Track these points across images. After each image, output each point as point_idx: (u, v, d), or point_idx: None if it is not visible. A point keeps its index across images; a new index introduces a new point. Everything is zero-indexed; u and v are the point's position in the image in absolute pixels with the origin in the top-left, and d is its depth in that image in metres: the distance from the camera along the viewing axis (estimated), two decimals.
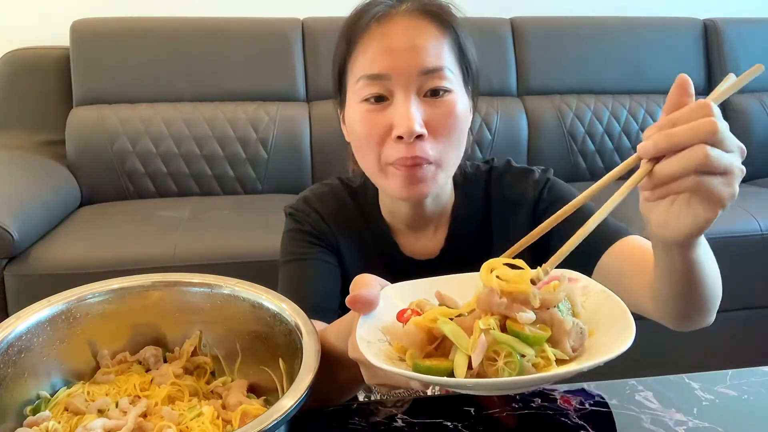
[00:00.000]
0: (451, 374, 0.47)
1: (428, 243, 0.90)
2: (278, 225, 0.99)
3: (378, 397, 0.97)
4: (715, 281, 0.71)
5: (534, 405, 0.79)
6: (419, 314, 0.50)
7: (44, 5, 2.38)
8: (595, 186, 0.55)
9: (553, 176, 0.92)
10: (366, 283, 0.56)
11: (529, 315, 0.46)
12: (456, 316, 0.49)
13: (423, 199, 0.83)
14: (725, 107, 2.58)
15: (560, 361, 0.47)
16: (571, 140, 2.44)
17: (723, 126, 0.51)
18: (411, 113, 0.74)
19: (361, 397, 0.98)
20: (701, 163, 0.49)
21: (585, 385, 0.83)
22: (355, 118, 0.79)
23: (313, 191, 0.94)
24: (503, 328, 0.47)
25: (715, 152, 0.50)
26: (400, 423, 0.75)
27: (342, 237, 0.90)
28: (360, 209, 0.91)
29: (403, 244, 0.90)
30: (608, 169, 2.47)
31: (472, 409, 0.77)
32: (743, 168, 0.55)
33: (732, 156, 0.53)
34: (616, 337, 0.47)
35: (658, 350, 1.97)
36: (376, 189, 0.90)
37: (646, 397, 0.80)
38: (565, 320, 0.48)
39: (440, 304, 0.51)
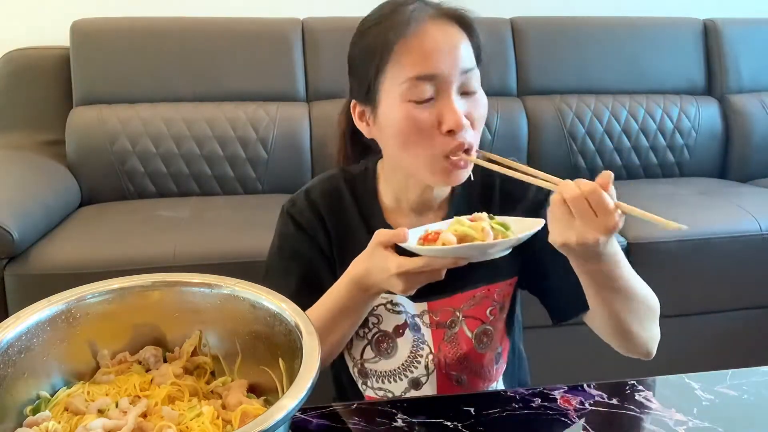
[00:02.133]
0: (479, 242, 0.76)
1: (426, 222, 0.94)
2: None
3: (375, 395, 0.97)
4: (636, 315, 0.86)
5: (534, 405, 0.79)
6: (437, 234, 0.77)
7: (44, 5, 2.38)
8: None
9: None
10: (398, 230, 0.79)
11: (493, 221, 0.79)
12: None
13: (459, 183, 0.90)
14: (726, 108, 2.58)
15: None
16: (571, 140, 2.44)
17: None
18: (457, 109, 0.84)
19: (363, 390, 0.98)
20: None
21: (585, 385, 0.83)
22: (400, 116, 0.85)
23: (315, 184, 1.00)
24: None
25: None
26: (400, 423, 0.75)
27: (336, 230, 0.97)
28: (357, 197, 0.98)
29: (402, 224, 0.96)
30: (608, 169, 2.46)
31: (472, 409, 0.77)
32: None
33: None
34: (532, 225, 0.77)
35: (658, 350, 1.97)
36: (375, 176, 0.99)
37: (646, 397, 0.80)
38: (508, 220, 0.79)
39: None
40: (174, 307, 0.74)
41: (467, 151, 0.85)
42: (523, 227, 0.78)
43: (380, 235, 0.80)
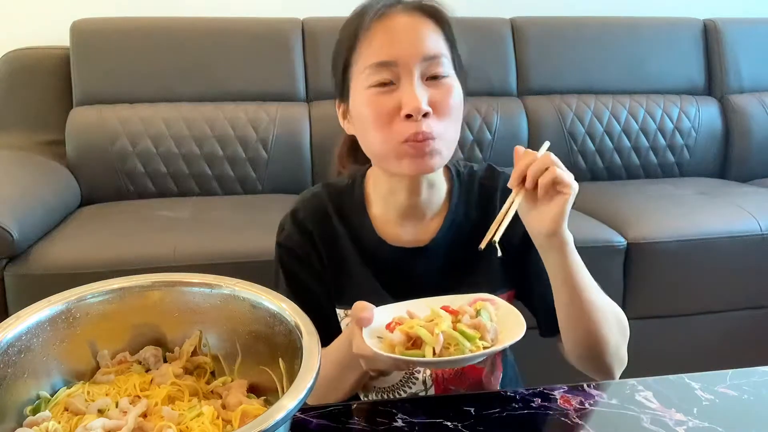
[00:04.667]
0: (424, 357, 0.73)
1: (420, 231, 0.95)
2: (278, 225, 1.00)
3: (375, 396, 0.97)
4: (608, 314, 0.87)
5: (534, 405, 0.79)
6: (399, 325, 0.76)
7: (44, 5, 2.38)
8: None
9: None
10: (364, 308, 0.76)
11: (466, 321, 0.77)
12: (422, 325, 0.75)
13: (429, 172, 0.88)
14: (726, 108, 2.58)
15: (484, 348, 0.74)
16: (571, 140, 2.44)
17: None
18: (417, 93, 0.82)
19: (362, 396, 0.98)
20: (549, 159, 0.79)
21: (585, 385, 0.83)
22: (363, 103, 0.85)
23: (301, 204, 0.99)
24: (454, 329, 0.75)
25: (553, 156, 0.80)
26: (400, 423, 0.75)
27: (327, 251, 0.95)
28: (345, 210, 0.97)
29: (392, 234, 0.95)
30: (608, 169, 2.47)
31: (472, 409, 0.77)
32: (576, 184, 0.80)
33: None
34: (514, 332, 0.75)
35: (658, 350, 1.97)
36: (363, 187, 0.97)
37: (646, 397, 0.80)
38: (487, 324, 0.75)
39: (410, 318, 0.78)
40: (174, 307, 0.73)
41: (427, 139, 0.82)
42: (507, 326, 0.76)
43: (355, 308, 0.77)
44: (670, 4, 2.75)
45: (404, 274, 0.94)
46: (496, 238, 0.79)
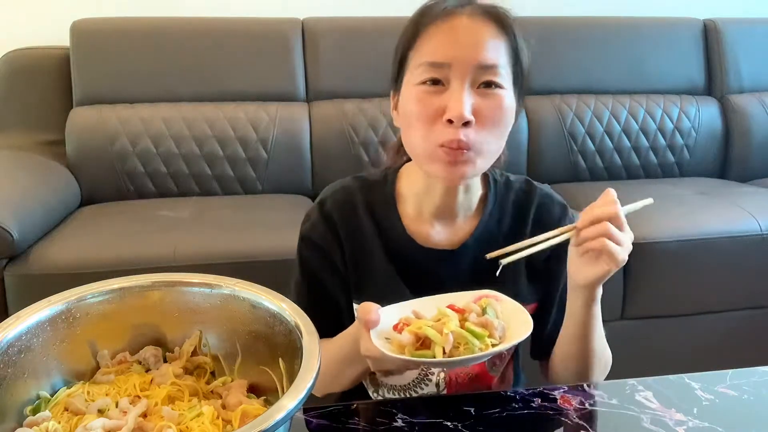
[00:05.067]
0: (434, 358, 0.72)
1: (451, 234, 0.94)
2: (278, 225, 1.00)
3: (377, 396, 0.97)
4: (601, 360, 0.91)
5: (534, 405, 0.79)
6: (407, 326, 0.75)
7: (44, 5, 2.38)
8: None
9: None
10: (370, 309, 0.74)
11: (473, 319, 0.76)
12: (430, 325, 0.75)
13: (461, 182, 0.88)
14: (726, 108, 2.58)
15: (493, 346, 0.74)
16: (571, 140, 2.44)
17: (621, 213, 0.79)
18: (463, 100, 0.80)
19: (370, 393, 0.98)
20: (605, 231, 0.77)
21: (585, 385, 0.83)
22: (411, 99, 0.84)
23: (328, 195, 0.97)
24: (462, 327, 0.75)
25: (613, 229, 0.77)
26: (400, 423, 0.75)
27: (351, 246, 0.94)
28: (374, 204, 0.95)
29: (422, 234, 0.94)
30: (608, 169, 2.46)
31: (472, 409, 0.77)
32: (630, 246, 0.80)
33: (625, 234, 0.79)
34: (521, 329, 0.74)
35: (658, 350, 1.97)
36: (395, 181, 0.96)
37: (646, 397, 0.80)
38: (494, 322, 0.75)
39: (417, 318, 0.77)
40: (174, 307, 0.73)
41: (462, 149, 0.81)
42: (515, 324, 0.76)
43: (361, 309, 0.75)
44: (670, 4, 2.75)
45: (429, 276, 0.92)
46: (505, 261, 0.79)
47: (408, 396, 0.96)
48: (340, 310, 0.95)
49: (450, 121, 0.80)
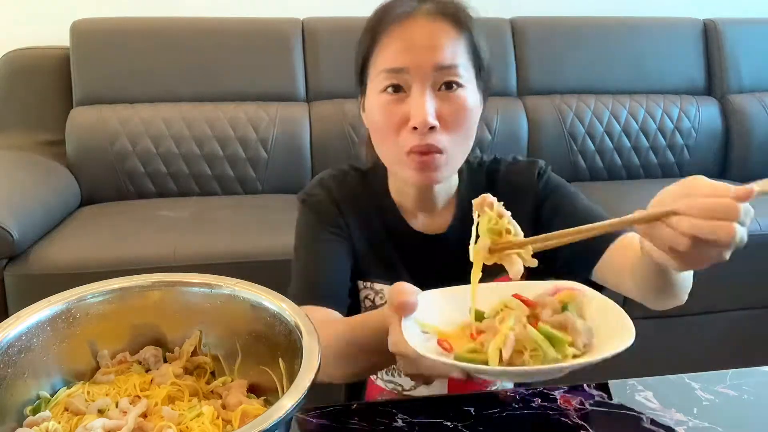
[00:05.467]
0: (487, 364, 0.55)
1: (435, 221, 0.96)
2: (278, 225, 1.00)
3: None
4: (686, 276, 0.79)
5: (534, 405, 0.79)
6: (448, 349, 0.59)
7: (44, 5, 2.38)
8: (615, 222, 0.61)
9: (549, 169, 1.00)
10: (405, 291, 0.63)
11: (547, 318, 0.57)
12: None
13: (434, 184, 0.90)
14: (726, 108, 2.58)
15: (574, 357, 0.55)
16: (571, 140, 2.44)
17: (740, 235, 0.60)
18: (426, 106, 0.81)
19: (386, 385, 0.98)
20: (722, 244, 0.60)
21: (585, 385, 0.83)
22: (375, 108, 0.86)
23: (327, 173, 0.99)
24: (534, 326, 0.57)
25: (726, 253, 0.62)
26: (400, 423, 0.75)
27: (353, 219, 0.95)
28: (370, 191, 0.97)
29: (412, 221, 0.96)
30: (608, 169, 2.46)
31: (472, 409, 0.77)
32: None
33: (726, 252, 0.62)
34: (619, 335, 0.55)
35: (658, 350, 1.97)
36: (386, 172, 0.96)
37: (646, 397, 0.80)
38: (578, 322, 0.57)
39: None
40: (174, 307, 0.73)
41: (432, 152, 0.82)
42: (604, 332, 0.57)
43: (393, 290, 0.64)
44: (670, 4, 2.75)
45: (427, 260, 0.94)
46: (474, 258, 0.63)
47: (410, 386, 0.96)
48: (345, 280, 0.92)
49: (415, 128, 0.81)
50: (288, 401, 0.53)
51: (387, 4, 0.87)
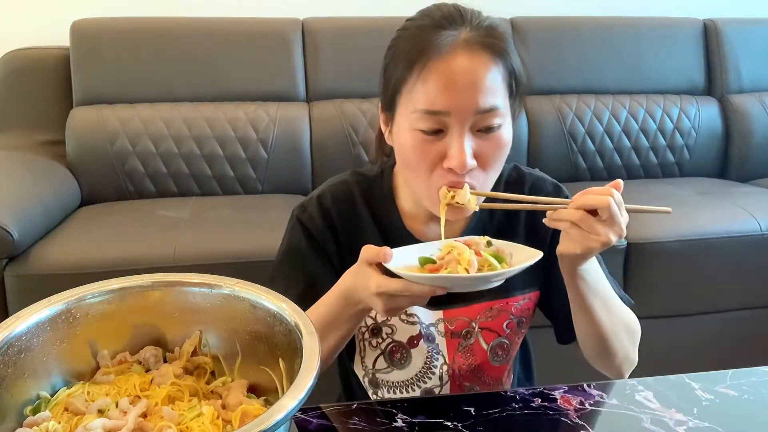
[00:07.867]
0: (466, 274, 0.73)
1: (448, 229, 0.94)
2: (278, 225, 1.00)
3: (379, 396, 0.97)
4: (612, 330, 0.90)
5: (534, 405, 0.79)
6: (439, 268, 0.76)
7: (44, 5, 2.38)
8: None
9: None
10: (382, 250, 0.75)
11: (488, 249, 0.79)
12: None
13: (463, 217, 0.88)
14: (726, 108, 2.58)
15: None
16: (571, 140, 2.44)
17: (612, 205, 0.77)
18: (464, 149, 0.80)
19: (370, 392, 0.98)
20: (578, 218, 0.78)
21: (585, 385, 0.83)
22: (407, 143, 0.83)
23: (328, 188, 0.97)
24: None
25: (589, 218, 0.78)
26: (400, 423, 0.75)
27: (350, 238, 0.94)
28: (371, 203, 0.96)
29: (418, 230, 0.95)
30: (608, 170, 2.46)
31: (472, 409, 0.77)
32: (611, 239, 0.78)
33: (603, 226, 0.77)
34: (529, 254, 0.76)
35: (658, 350, 1.97)
36: (392, 180, 0.96)
37: (646, 397, 0.80)
38: (505, 248, 0.79)
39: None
40: (174, 307, 0.73)
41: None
42: (520, 258, 0.77)
43: (366, 251, 0.77)
44: (670, 4, 2.75)
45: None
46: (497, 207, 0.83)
47: (410, 392, 0.96)
48: (314, 297, 0.93)
49: (451, 169, 0.81)
50: (288, 401, 0.53)
51: (422, 24, 0.84)
